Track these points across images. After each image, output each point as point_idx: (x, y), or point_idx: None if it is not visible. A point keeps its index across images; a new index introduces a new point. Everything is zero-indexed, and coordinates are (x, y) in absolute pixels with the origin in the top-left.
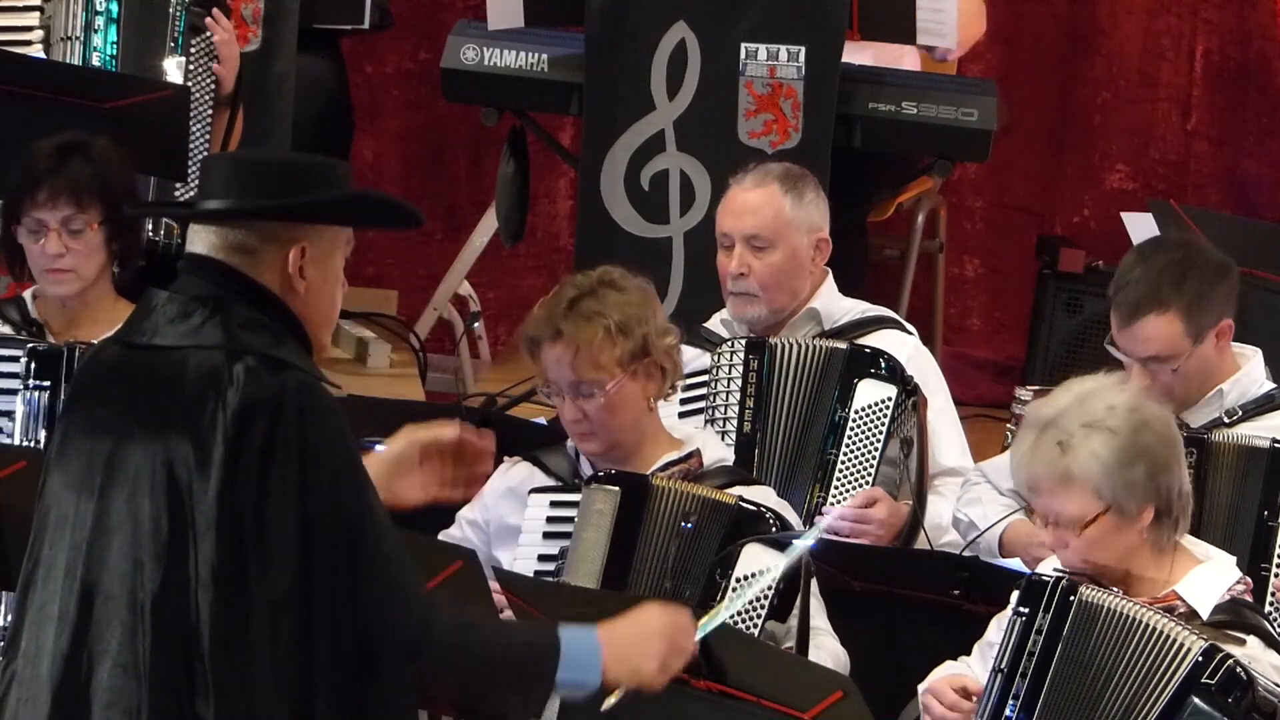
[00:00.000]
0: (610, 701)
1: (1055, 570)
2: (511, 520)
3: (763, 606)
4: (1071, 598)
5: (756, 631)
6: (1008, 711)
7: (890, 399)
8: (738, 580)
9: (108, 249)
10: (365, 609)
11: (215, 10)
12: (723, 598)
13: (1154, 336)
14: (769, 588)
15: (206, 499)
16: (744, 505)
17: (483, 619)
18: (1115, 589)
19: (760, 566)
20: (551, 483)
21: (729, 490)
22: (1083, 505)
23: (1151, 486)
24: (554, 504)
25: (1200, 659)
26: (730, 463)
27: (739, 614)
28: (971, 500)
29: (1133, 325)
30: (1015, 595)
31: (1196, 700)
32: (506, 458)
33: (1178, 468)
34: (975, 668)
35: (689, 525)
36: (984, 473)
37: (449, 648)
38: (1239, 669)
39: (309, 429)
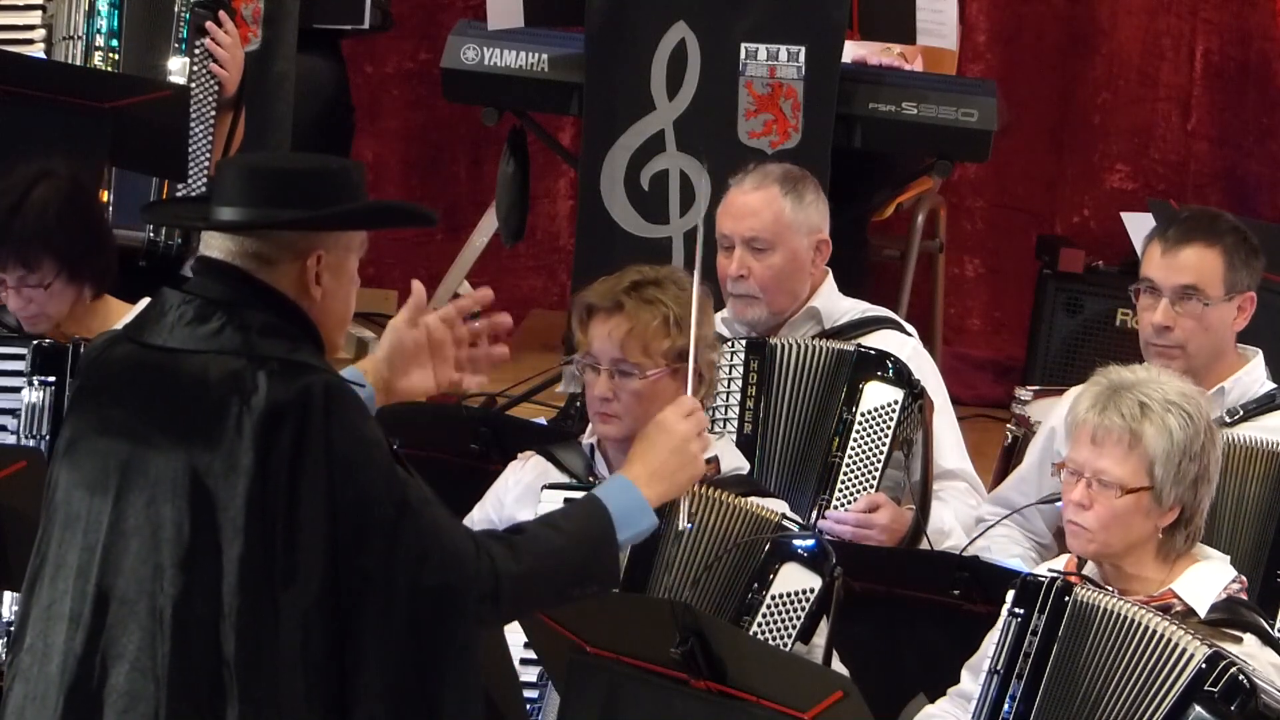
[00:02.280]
0: (683, 524)
1: (1050, 570)
2: (523, 516)
3: (793, 626)
4: (1066, 598)
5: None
6: (1004, 713)
7: (897, 402)
8: (773, 598)
9: (74, 287)
10: (431, 575)
11: (221, 14)
12: (755, 613)
13: (1196, 265)
14: (801, 609)
15: (234, 505)
16: (787, 521)
17: (534, 531)
18: (1111, 588)
19: (798, 586)
20: (565, 479)
21: (743, 500)
22: (1133, 472)
23: (1191, 490)
24: (568, 501)
25: (1204, 666)
26: (745, 472)
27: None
28: (987, 541)
29: (1178, 250)
30: (1010, 596)
31: (1199, 708)
32: (519, 454)
33: (1211, 489)
34: (969, 691)
35: (690, 525)
36: (1001, 501)
37: (523, 576)
38: (1242, 676)
39: (336, 430)
